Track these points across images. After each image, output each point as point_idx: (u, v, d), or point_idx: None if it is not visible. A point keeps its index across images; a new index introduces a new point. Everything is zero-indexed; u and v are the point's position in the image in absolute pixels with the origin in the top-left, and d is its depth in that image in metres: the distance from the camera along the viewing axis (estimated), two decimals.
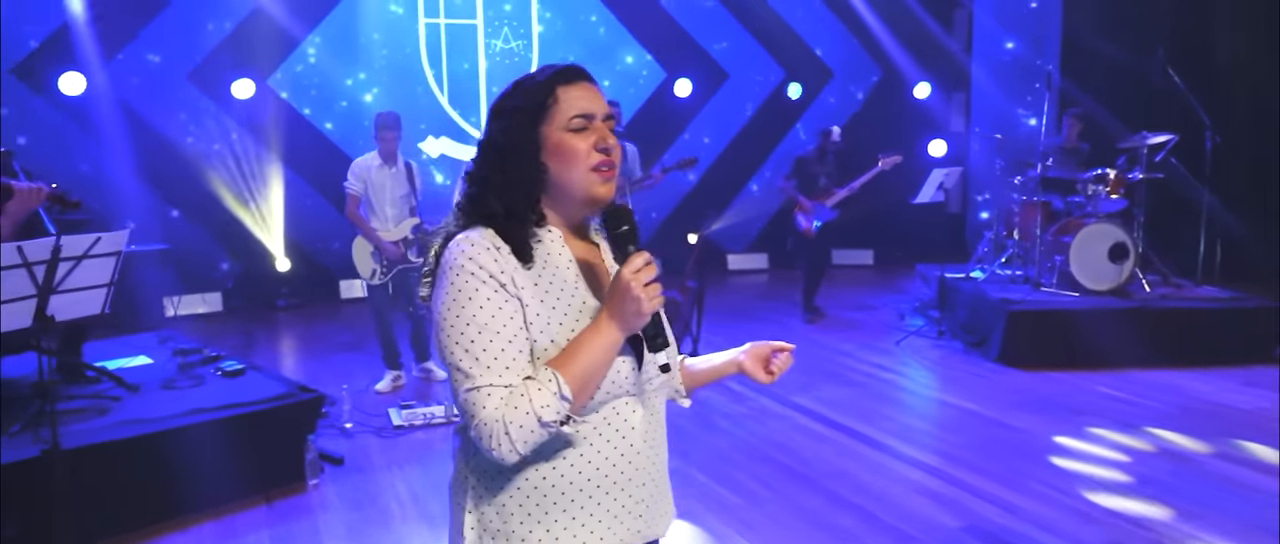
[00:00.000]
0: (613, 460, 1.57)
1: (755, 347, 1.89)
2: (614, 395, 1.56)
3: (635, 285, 1.44)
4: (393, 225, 6.07)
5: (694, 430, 5.40)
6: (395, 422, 5.53)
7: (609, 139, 1.56)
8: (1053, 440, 5.14)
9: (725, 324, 8.43)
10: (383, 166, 6.04)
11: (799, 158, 8.12)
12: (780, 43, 10.87)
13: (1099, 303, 6.86)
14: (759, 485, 4.58)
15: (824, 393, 6.13)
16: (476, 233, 1.52)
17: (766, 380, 1.87)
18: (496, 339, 1.45)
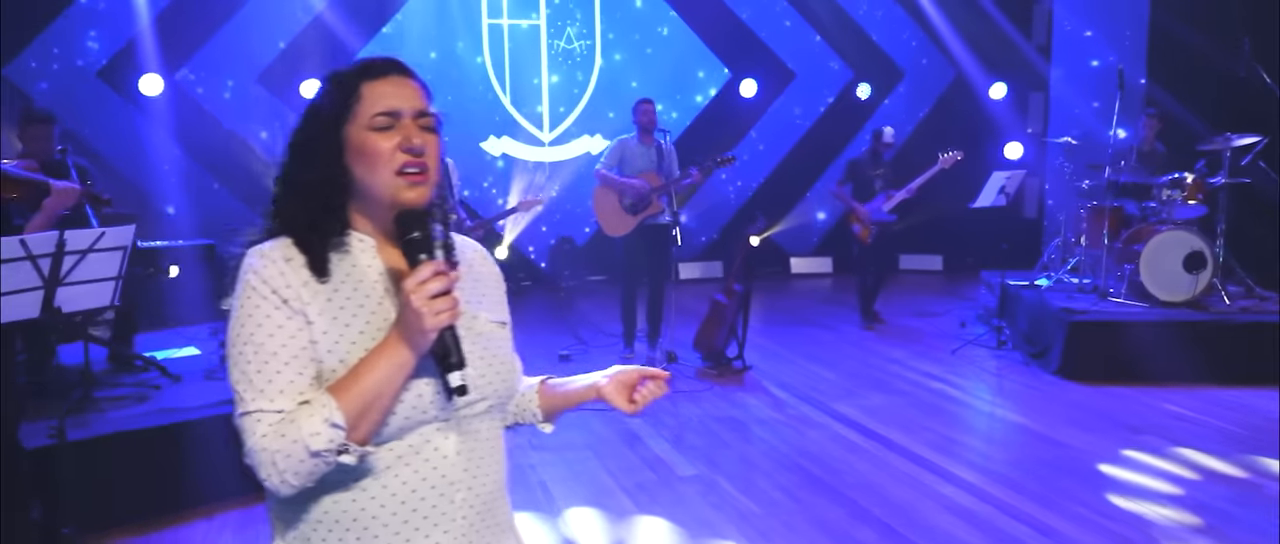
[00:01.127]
0: (421, 492, 1.42)
1: (621, 372, 1.67)
2: (419, 421, 1.41)
3: (417, 299, 1.30)
4: None
5: (727, 436, 5.31)
6: None
7: (417, 138, 1.41)
8: (1104, 460, 4.87)
9: (782, 329, 8.29)
10: None
11: (851, 161, 7.86)
12: (849, 42, 10.64)
13: (1171, 315, 6.49)
14: (782, 495, 4.46)
15: (867, 401, 5.95)
16: (271, 244, 1.41)
17: (629, 409, 1.66)
18: (273, 361, 1.34)
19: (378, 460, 1.39)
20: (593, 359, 7.07)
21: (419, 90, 1.47)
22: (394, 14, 9.28)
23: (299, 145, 1.45)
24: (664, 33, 10.12)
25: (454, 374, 1.35)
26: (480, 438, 1.50)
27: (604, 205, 6.88)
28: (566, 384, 1.75)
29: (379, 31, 9.27)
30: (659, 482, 4.66)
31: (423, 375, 1.38)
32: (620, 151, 6.83)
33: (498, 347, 1.54)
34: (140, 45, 8.35)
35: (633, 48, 10.01)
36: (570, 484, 4.64)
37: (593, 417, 5.66)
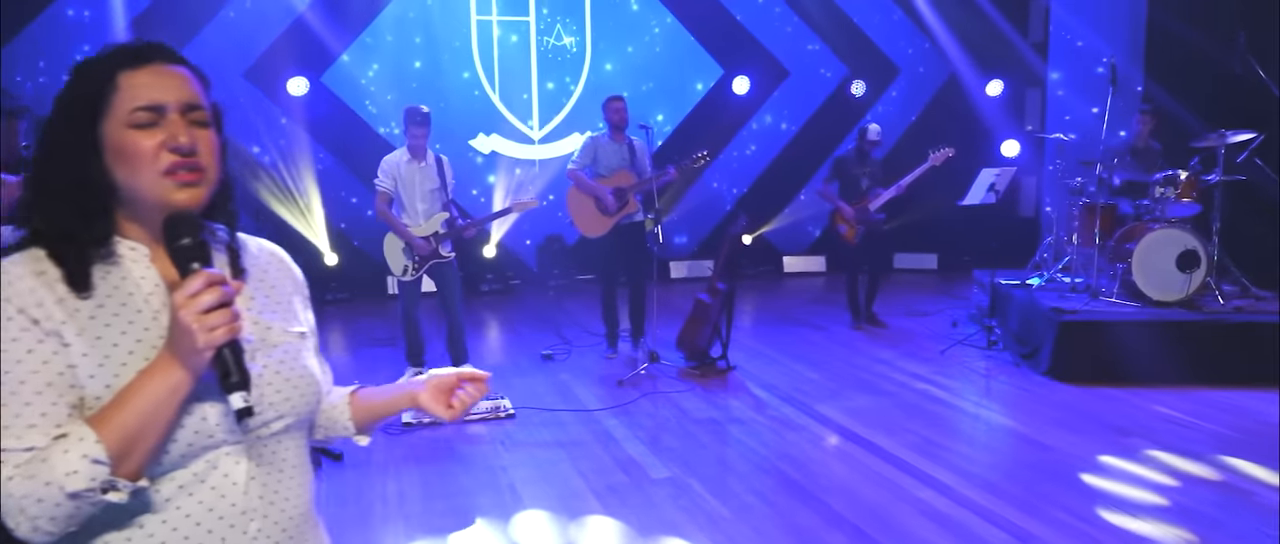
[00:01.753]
0: (208, 525, 1.27)
1: (437, 377, 1.56)
2: (205, 446, 1.26)
3: (187, 314, 1.15)
4: (423, 220, 6.04)
5: (704, 438, 5.20)
6: (404, 419, 5.48)
7: (184, 135, 1.25)
8: (1089, 463, 4.74)
9: (770, 328, 8.18)
10: (412, 162, 6.01)
11: (838, 159, 7.67)
12: (843, 39, 10.51)
13: (1163, 315, 6.36)
14: (755, 498, 4.35)
15: (851, 403, 5.83)
16: (19, 256, 1.24)
17: (448, 416, 1.54)
18: (20, 391, 1.17)
19: (157, 494, 1.24)
20: (576, 360, 6.97)
21: (187, 79, 1.30)
22: (382, 9, 9.18)
23: (48, 143, 1.27)
24: (655, 29, 10.01)
25: (236, 395, 1.20)
26: (278, 460, 1.36)
27: (578, 206, 6.78)
28: (380, 393, 1.61)
29: (367, 26, 9.18)
30: (630, 484, 4.56)
31: (207, 396, 1.24)
32: (593, 150, 6.74)
33: (294, 359, 1.39)
34: None
35: (624, 44, 9.90)
36: (540, 486, 4.54)
37: (568, 417, 5.57)
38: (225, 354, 1.20)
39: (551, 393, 6.11)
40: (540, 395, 6.03)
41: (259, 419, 1.30)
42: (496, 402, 5.66)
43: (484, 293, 9.58)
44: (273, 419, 1.33)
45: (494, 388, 6.09)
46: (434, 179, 6.05)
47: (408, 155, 6.00)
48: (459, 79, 9.46)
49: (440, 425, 5.42)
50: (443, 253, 6.06)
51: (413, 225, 6.01)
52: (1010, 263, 8.38)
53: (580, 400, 5.93)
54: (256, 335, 1.34)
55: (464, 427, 5.43)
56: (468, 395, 1.56)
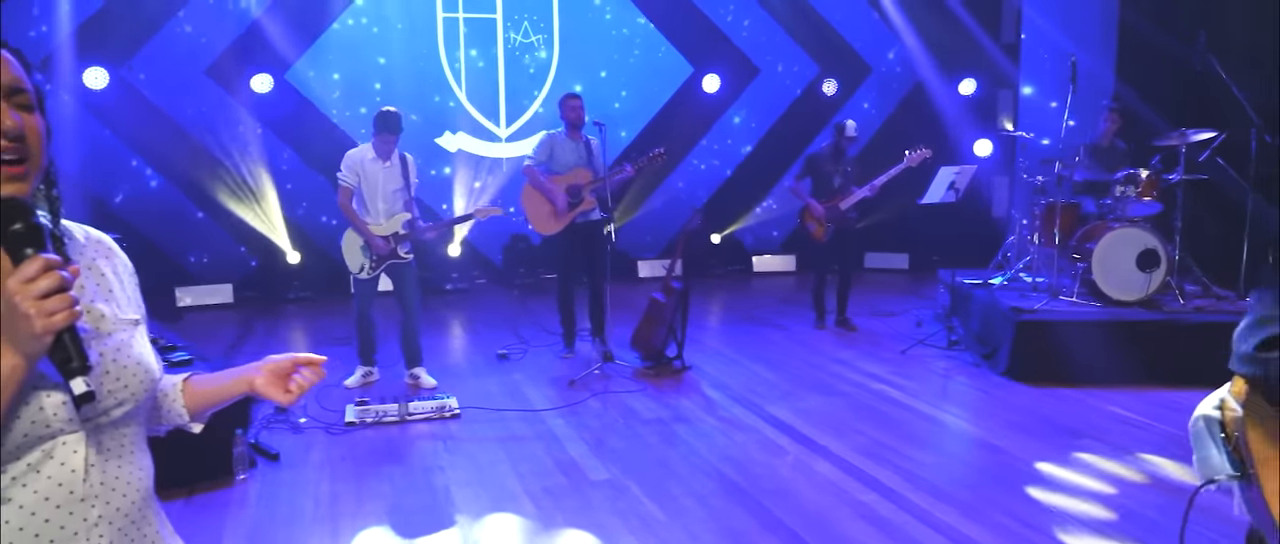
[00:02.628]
0: (45, 513, 1.26)
1: (273, 362, 1.54)
2: (41, 435, 1.25)
3: (24, 300, 1.13)
4: (384, 220, 5.94)
5: (650, 439, 5.12)
6: (347, 418, 5.39)
7: (7, 120, 1.21)
8: (1037, 466, 4.67)
9: (732, 327, 8.11)
10: (377, 160, 5.91)
11: (811, 156, 7.55)
12: (814, 38, 10.44)
13: (1121, 315, 6.30)
14: (694, 501, 4.27)
15: (804, 403, 5.76)
16: None
17: (285, 400, 1.53)
18: None
19: None
20: (532, 359, 6.89)
21: (8, 63, 1.25)
22: (348, 5, 9.08)
23: None
24: (624, 28, 9.93)
25: (77, 380, 1.19)
26: (117, 447, 1.36)
27: (533, 204, 6.70)
28: (214, 380, 1.60)
29: (333, 23, 9.08)
30: (568, 486, 4.47)
31: (42, 385, 1.23)
32: (549, 147, 6.65)
33: (128, 346, 1.39)
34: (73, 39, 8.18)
35: (592, 43, 9.81)
36: (475, 488, 4.45)
37: (514, 418, 5.48)
38: (65, 339, 1.19)
39: (501, 393, 6.03)
40: (489, 395, 5.94)
41: (98, 407, 1.30)
42: (442, 401, 5.57)
43: (448, 292, 9.48)
44: (112, 407, 1.33)
45: (442, 387, 6.07)
46: (398, 179, 5.96)
47: (372, 152, 5.91)
48: (425, 76, 9.36)
49: (381, 425, 5.33)
50: (401, 254, 5.97)
51: (373, 224, 5.91)
52: (982, 262, 8.32)
53: (529, 400, 5.84)
54: (90, 324, 1.33)
55: (407, 427, 5.34)
56: (304, 380, 1.54)
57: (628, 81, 9.98)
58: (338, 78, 9.17)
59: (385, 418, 5.40)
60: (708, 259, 10.46)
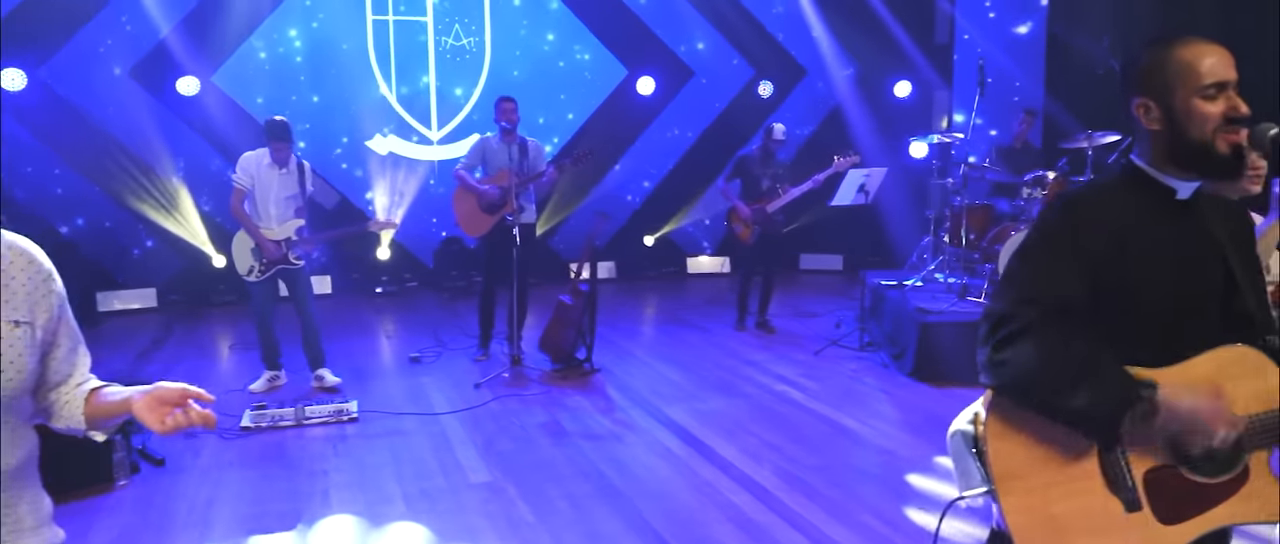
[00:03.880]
0: None
1: (160, 390, 1.57)
2: None
3: None
4: (276, 225, 5.92)
5: (540, 442, 5.13)
6: (243, 423, 5.38)
7: None
8: (919, 467, 4.72)
9: (653, 329, 8.16)
10: (273, 165, 5.90)
11: (741, 157, 7.56)
12: (750, 40, 10.48)
13: None
14: (567, 503, 4.29)
15: (705, 405, 5.79)
16: None
17: (159, 430, 1.56)
18: None
19: None
20: (445, 362, 6.88)
21: None
22: (277, 6, 9.04)
23: None
24: (556, 30, 9.92)
25: None
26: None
27: (462, 206, 6.72)
28: (111, 396, 1.66)
29: (261, 24, 9.03)
30: (445, 489, 4.48)
31: None
32: (481, 151, 6.67)
33: (8, 347, 1.50)
34: None
35: (524, 44, 9.80)
36: (353, 491, 4.45)
37: (412, 421, 5.49)
38: None
39: (405, 396, 6.02)
40: (391, 399, 5.94)
41: None
42: (340, 405, 5.56)
43: (378, 295, 9.46)
44: None
45: (349, 390, 6.07)
46: (293, 186, 5.95)
47: (268, 157, 5.89)
48: (355, 79, 9.33)
49: (276, 429, 5.32)
50: (292, 259, 5.95)
51: (264, 228, 5.90)
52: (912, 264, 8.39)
53: (430, 404, 5.84)
54: None
55: (303, 430, 5.33)
56: (184, 418, 1.58)
57: (561, 85, 9.98)
58: (267, 76, 9.12)
59: (281, 422, 5.39)
60: (641, 261, 10.49)
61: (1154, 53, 1.77)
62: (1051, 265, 1.78)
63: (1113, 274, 1.76)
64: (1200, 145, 1.72)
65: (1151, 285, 1.78)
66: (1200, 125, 1.71)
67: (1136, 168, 1.84)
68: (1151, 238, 1.79)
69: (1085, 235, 1.77)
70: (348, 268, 9.56)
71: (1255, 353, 1.78)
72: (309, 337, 6.10)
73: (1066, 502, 1.75)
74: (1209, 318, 1.84)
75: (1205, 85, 1.70)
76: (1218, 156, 1.72)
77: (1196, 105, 1.71)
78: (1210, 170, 1.75)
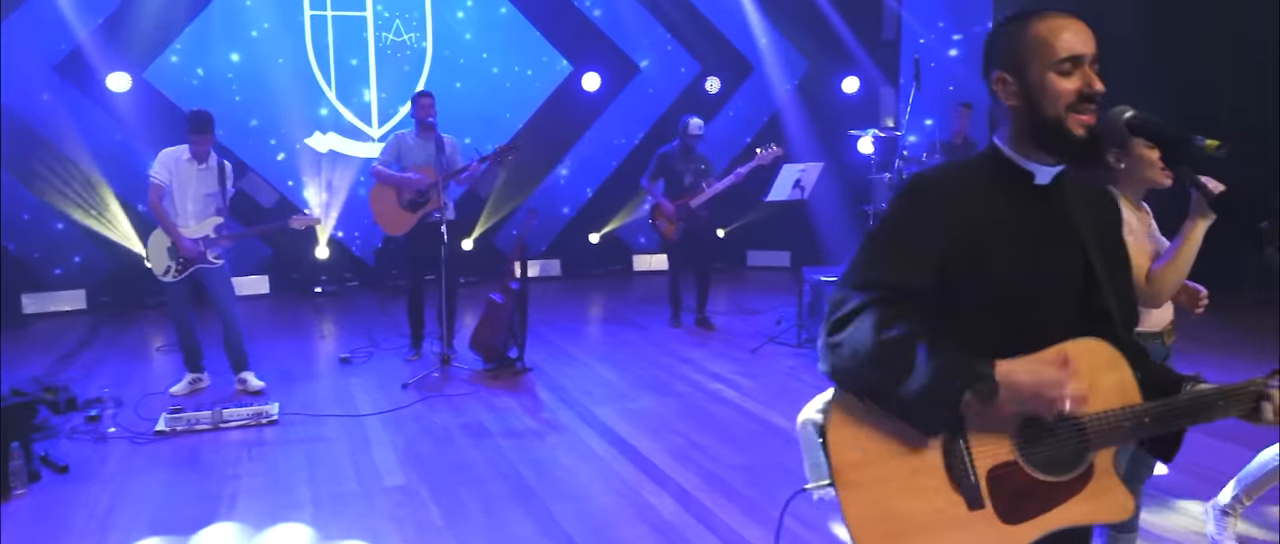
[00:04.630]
0: None
1: None
2: None
3: None
4: (193, 222, 5.77)
5: (462, 443, 5.04)
6: (158, 427, 5.23)
7: None
8: None
9: (591, 327, 8.09)
10: (191, 162, 5.75)
11: (661, 154, 7.53)
12: (696, 35, 10.42)
13: None
14: (479, 507, 4.20)
15: (634, 404, 5.72)
16: None
17: None
18: None
19: None
20: (376, 363, 6.76)
21: None
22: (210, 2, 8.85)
23: None
24: (499, 26, 9.80)
25: None
26: None
27: (381, 202, 6.60)
28: None
29: (195, 19, 8.84)
30: (357, 493, 4.38)
31: None
32: (397, 147, 6.56)
33: None
34: None
35: (465, 39, 9.67)
36: (262, 496, 4.33)
37: (334, 423, 5.37)
38: None
39: (330, 397, 5.90)
40: (316, 401, 5.81)
41: None
42: (260, 408, 5.43)
43: (317, 295, 9.29)
44: None
45: (274, 392, 5.93)
46: (212, 184, 5.81)
47: (188, 153, 5.74)
48: (293, 75, 9.16)
49: (192, 433, 5.18)
50: (211, 258, 5.80)
51: (182, 225, 5.75)
52: None
53: (355, 405, 5.73)
54: None
55: (220, 434, 5.20)
56: None
57: (505, 80, 9.87)
58: (201, 75, 8.93)
59: (197, 425, 5.25)
60: (586, 259, 10.40)
61: (1012, 26, 1.70)
62: (895, 249, 1.70)
63: (962, 261, 1.69)
64: (1053, 123, 1.64)
65: (1004, 275, 1.70)
66: (1053, 101, 1.63)
67: (996, 150, 1.76)
68: (1005, 224, 1.71)
69: (933, 219, 1.69)
70: (287, 268, 9.38)
71: (1106, 347, 1.72)
72: (231, 338, 5.96)
73: (908, 497, 1.68)
74: (1066, 311, 1.77)
75: (1060, 59, 1.62)
76: (1071, 137, 1.64)
77: (1050, 80, 1.63)
78: (1064, 152, 1.67)
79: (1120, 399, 1.71)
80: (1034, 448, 1.70)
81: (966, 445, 1.69)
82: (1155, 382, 1.77)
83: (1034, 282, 1.73)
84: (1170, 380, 1.78)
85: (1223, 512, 3.58)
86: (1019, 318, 1.71)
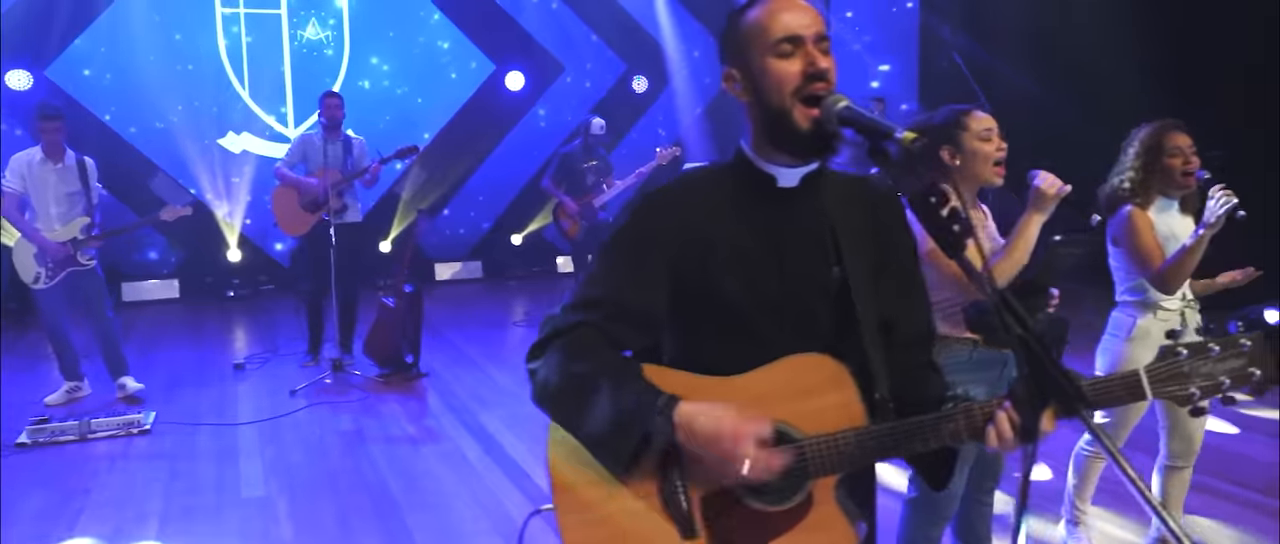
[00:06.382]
0: None
1: None
2: None
3: None
4: (59, 225, 5.59)
5: (333, 452, 4.90)
6: (19, 439, 5.04)
7: None
8: None
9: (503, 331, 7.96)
10: (46, 162, 5.56)
11: (563, 154, 7.45)
12: (620, 34, 10.32)
13: None
14: (333, 519, 4.07)
15: (523, 409, 5.56)
16: None
17: None
18: None
19: None
20: (272, 368, 6.60)
21: None
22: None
23: None
24: (420, 23, 9.65)
25: None
26: None
27: (281, 203, 6.46)
28: None
29: (101, 14, 8.60)
30: (211, 505, 4.23)
31: None
32: (303, 148, 6.43)
33: None
34: None
35: (385, 38, 9.51)
36: (109, 509, 4.18)
37: (208, 432, 5.22)
38: None
39: (214, 405, 5.74)
40: (197, 409, 5.64)
41: None
42: (132, 417, 5.26)
43: (231, 299, 9.08)
44: None
45: (155, 400, 5.75)
46: (73, 183, 5.62)
47: (41, 154, 5.55)
48: (204, 74, 8.95)
49: (54, 445, 5.00)
50: (81, 260, 5.61)
51: (46, 229, 5.55)
52: None
53: (237, 413, 5.57)
54: None
55: (87, 446, 5.03)
56: None
57: (426, 80, 9.71)
58: (109, 77, 8.70)
59: (61, 437, 5.07)
60: (510, 260, 10.27)
61: (734, 17, 1.58)
62: (619, 267, 1.60)
63: (696, 277, 1.57)
64: (779, 113, 1.51)
65: (742, 289, 1.58)
66: (777, 88, 1.50)
67: (739, 154, 1.64)
68: (746, 235, 1.59)
69: (662, 233, 1.58)
70: (200, 271, 9.17)
71: (832, 364, 1.57)
72: (105, 343, 5.78)
73: (624, 523, 1.56)
74: (818, 325, 1.62)
75: (777, 40, 1.49)
76: (796, 131, 1.51)
77: (771, 64, 1.50)
78: (794, 147, 1.54)
79: (844, 421, 1.55)
80: None
81: (680, 471, 1.56)
82: (923, 403, 1.62)
83: (778, 295, 1.60)
84: (931, 400, 1.63)
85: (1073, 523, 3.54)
86: (763, 335, 1.59)
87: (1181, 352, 1.42)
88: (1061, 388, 1.28)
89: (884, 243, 1.69)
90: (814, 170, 1.61)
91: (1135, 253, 3.11)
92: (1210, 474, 4.27)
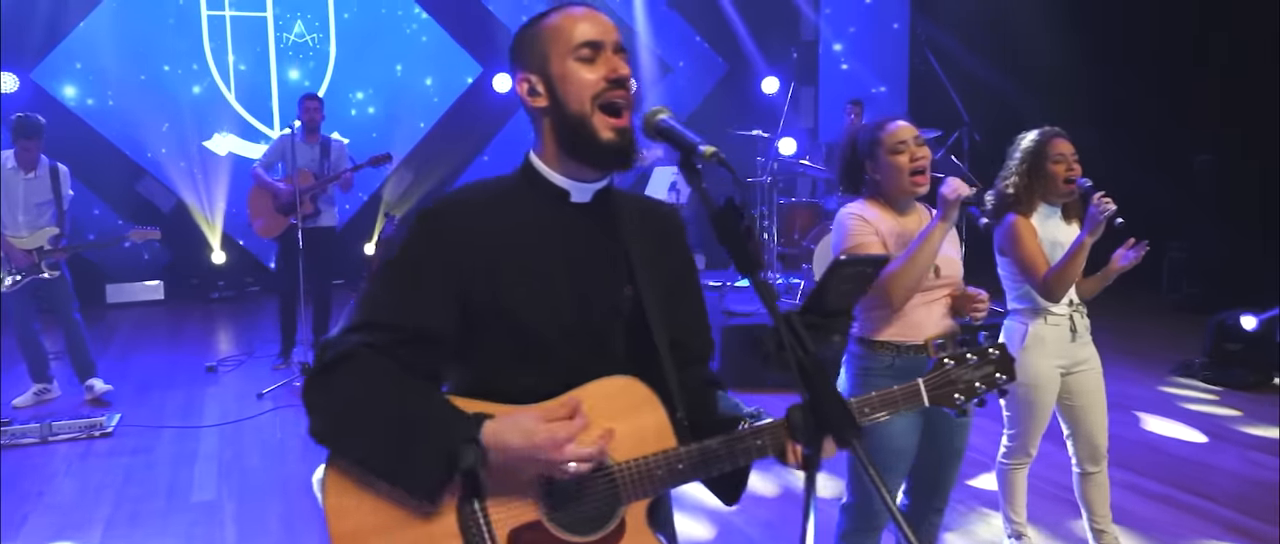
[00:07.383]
0: None
1: None
2: None
3: None
4: (26, 233, 5.58)
5: (292, 457, 4.88)
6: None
7: None
8: None
9: None
10: (17, 171, 5.56)
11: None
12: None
13: None
14: (279, 525, 4.04)
15: None
16: None
17: None
18: None
19: None
20: (245, 371, 6.59)
21: None
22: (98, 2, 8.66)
23: None
24: (406, 26, 9.64)
25: None
26: None
27: (257, 205, 6.46)
28: None
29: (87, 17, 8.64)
30: (160, 510, 4.21)
31: None
32: (281, 149, 6.42)
33: None
34: None
35: (371, 40, 9.50)
36: (58, 514, 4.16)
37: (171, 435, 5.20)
38: None
39: (181, 408, 5.73)
40: (162, 412, 5.63)
41: None
42: (94, 420, 5.25)
43: (215, 301, 9.08)
44: None
45: (124, 402, 5.74)
46: (45, 193, 5.62)
47: (13, 162, 5.56)
48: (190, 76, 8.97)
49: (20, 447, 5.00)
50: (45, 270, 5.60)
51: (12, 236, 5.55)
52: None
53: (202, 416, 5.56)
54: None
55: (47, 448, 5.02)
56: None
57: (412, 82, 9.71)
58: (93, 78, 8.73)
59: (21, 439, 5.07)
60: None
61: (529, 24, 1.56)
62: (399, 286, 1.49)
63: (483, 296, 1.49)
64: (578, 121, 1.48)
65: (532, 310, 1.51)
66: (578, 93, 1.47)
67: (528, 165, 1.59)
68: (535, 252, 1.53)
69: (445, 251, 1.49)
70: (184, 273, 9.19)
71: (638, 387, 1.52)
72: (73, 347, 5.78)
73: None
74: (613, 348, 1.57)
75: (578, 45, 1.48)
76: (597, 142, 1.48)
77: (572, 69, 1.48)
78: (593, 158, 1.51)
79: (655, 444, 1.50)
80: (560, 505, 1.49)
81: (483, 506, 1.47)
82: (713, 421, 1.58)
83: (570, 317, 1.53)
84: (730, 419, 1.57)
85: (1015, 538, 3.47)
86: (557, 358, 1.53)
87: (948, 363, 1.67)
88: (834, 417, 1.22)
89: (671, 261, 1.66)
90: (604, 187, 1.58)
91: (1020, 261, 3.09)
92: (1179, 487, 4.19)
